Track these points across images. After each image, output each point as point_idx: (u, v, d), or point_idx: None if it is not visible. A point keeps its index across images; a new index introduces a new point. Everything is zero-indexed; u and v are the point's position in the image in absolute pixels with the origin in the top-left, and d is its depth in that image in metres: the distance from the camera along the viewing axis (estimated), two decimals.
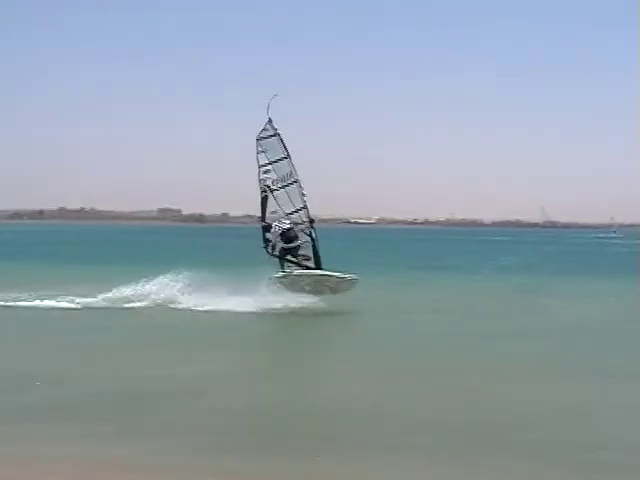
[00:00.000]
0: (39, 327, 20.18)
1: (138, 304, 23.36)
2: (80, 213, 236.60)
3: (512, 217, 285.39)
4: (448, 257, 59.42)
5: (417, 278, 34.63)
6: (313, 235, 23.80)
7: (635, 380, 14.20)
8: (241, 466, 9.15)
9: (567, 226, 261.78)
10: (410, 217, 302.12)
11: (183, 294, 24.00)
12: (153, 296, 23.96)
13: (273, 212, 23.86)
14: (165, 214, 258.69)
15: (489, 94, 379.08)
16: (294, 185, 24.02)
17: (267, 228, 23.72)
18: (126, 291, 24.09)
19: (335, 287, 23.39)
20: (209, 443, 9.90)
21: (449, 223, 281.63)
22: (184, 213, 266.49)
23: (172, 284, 24.40)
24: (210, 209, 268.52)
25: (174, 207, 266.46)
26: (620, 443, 10.19)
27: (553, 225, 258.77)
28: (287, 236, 23.51)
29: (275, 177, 23.87)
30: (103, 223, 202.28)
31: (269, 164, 23.89)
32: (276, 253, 23.61)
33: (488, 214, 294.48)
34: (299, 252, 23.71)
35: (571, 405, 12.17)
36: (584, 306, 25.83)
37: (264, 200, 23.90)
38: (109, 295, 23.86)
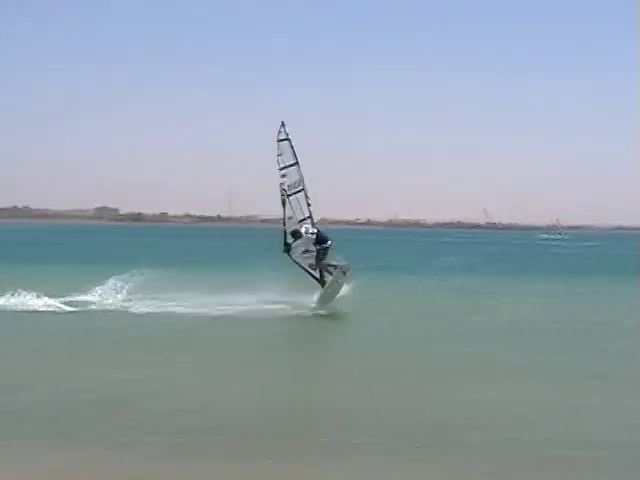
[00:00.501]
0: None
1: (90, 307, 22.90)
2: (13, 211, 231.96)
3: (454, 218, 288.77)
4: (391, 257, 59.84)
5: (360, 279, 34.62)
6: (317, 246, 24.19)
7: (578, 379, 14.54)
8: (212, 469, 9.29)
9: (509, 227, 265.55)
10: (352, 217, 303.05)
11: (132, 298, 23.75)
12: (103, 299, 23.62)
13: (290, 217, 24.30)
14: (102, 213, 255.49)
15: (433, 94, 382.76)
16: (301, 193, 24.48)
17: (296, 233, 24.09)
18: (75, 294, 23.62)
19: (323, 303, 23.79)
20: (172, 445, 10.00)
21: (391, 224, 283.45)
22: (122, 212, 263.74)
23: (123, 285, 24.22)
24: (148, 208, 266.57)
25: (111, 206, 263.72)
26: (567, 440, 10.51)
27: (495, 227, 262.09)
28: (320, 237, 24.19)
29: (289, 182, 24.31)
30: (37, 222, 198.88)
31: (284, 168, 24.34)
32: (298, 260, 24.08)
33: (430, 215, 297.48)
34: (327, 254, 24.21)
35: (517, 404, 12.47)
36: (526, 306, 26.29)
37: (284, 204, 24.32)
38: (59, 298, 23.21)
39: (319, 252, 24.05)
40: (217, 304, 23.02)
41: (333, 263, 24.19)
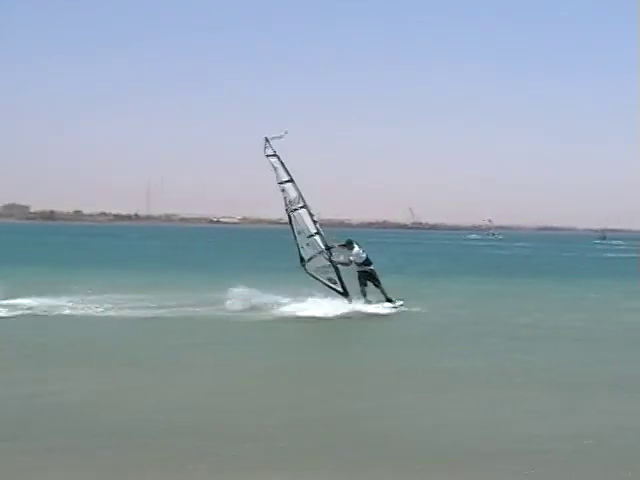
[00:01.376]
0: None
1: (19, 312, 22.16)
2: None
3: (380, 218, 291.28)
4: None
5: (284, 280, 34.37)
6: (333, 260, 25.07)
7: (503, 384, 14.66)
8: None
9: (435, 227, 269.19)
10: (274, 217, 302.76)
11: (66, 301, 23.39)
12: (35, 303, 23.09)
13: (299, 232, 24.84)
14: (12, 210, 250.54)
15: (358, 92, 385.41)
16: (304, 210, 24.90)
17: (350, 243, 25.34)
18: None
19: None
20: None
21: None
22: (33, 210, 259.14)
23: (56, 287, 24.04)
24: (62, 206, 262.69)
25: (21, 203, 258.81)
26: (467, 444, 10.68)
27: (421, 226, 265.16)
28: (367, 259, 25.46)
29: (289, 198, 24.76)
30: None
31: (281, 184, 24.71)
32: (314, 274, 24.95)
33: (355, 214, 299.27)
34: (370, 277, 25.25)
35: (444, 410, 12.65)
36: (453, 308, 26.35)
37: (290, 219, 24.90)
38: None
39: (362, 273, 25.15)
40: (146, 306, 23.18)
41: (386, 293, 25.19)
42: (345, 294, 24.86)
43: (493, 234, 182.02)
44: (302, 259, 25.04)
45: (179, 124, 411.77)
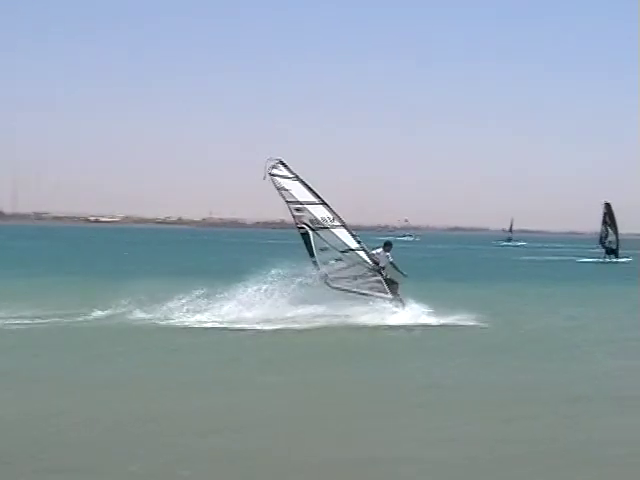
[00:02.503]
0: None
1: None
2: None
3: (277, 217, 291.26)
4: (201, 260, 59.76)
5: (165, 284, 33.66)
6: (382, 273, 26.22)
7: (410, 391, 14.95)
8: None
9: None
10: (161, 215, 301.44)
11: None
12: None
13: (323, 249, 25.70)
14: None
15: (266, 87, 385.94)
16: (339, 229, 25.95)
17: (388, 243, 26.88)
18: None
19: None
20: None
21: (206, 223, 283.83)
22: None
23: None
24: None
25: None
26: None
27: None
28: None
29: (311, 217, 25.55)
30: None
31: (296, 203, 25.43)
32: (347, 287, 25.81)
33: (250, 214, 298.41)
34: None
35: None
36: (359, 317, 26.47)
37: (305, 236, 25.71)
38: None
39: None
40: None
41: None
42: (399, 302, 25.70)
43: (410, 235, 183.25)
44: (324, 275, 25.77)
45: (53, 115, 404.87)
